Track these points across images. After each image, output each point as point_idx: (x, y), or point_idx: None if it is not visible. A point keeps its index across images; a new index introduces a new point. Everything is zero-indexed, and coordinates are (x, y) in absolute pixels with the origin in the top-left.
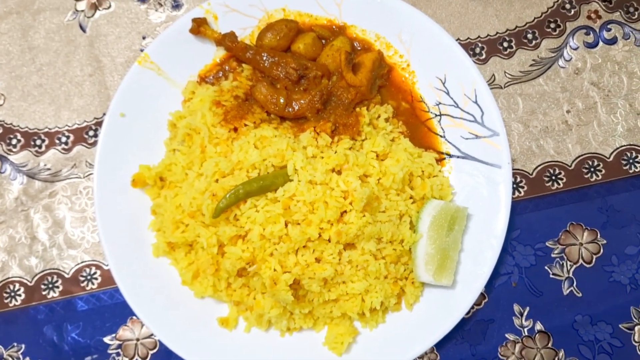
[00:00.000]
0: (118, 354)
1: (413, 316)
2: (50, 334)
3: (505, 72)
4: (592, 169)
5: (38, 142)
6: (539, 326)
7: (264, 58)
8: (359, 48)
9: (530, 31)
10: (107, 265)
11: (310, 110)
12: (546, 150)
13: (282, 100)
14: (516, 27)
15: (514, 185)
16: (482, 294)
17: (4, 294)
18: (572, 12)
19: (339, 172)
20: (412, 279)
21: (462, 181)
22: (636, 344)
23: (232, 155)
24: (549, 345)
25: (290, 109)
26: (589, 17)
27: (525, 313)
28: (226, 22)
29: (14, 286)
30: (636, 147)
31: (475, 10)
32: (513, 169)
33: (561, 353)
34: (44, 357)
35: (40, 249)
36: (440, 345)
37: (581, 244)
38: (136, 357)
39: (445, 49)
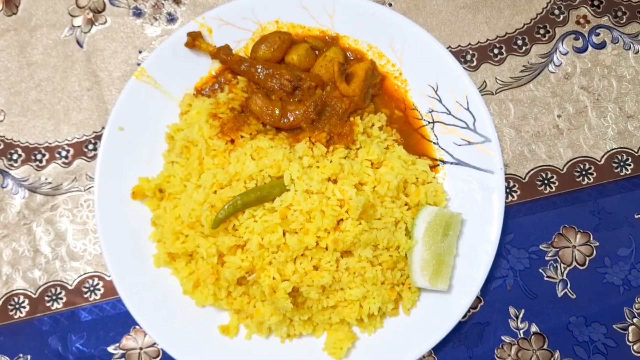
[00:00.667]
0: None
1: (410, 321)
2: (55, 344)
3: (496, 78)
4: (583, 173)
5: (38, 156)
6: (534, 328)
7: (259, 70)
8: (352, 58)
9: (520, 37)
10: (109, 276)
11: (305, 120)
12: (538, 154)
13: (277, 112)
14: (506, 33)
15: (507, 190)
16: (477, 297)
17: (9, 306)
18: (561, 18)
19: (335, 181)
20: (409, 284)
21: (456, 187)
22: (630, 344)
23: (229, 167)
24: (545, 346)
25: (285, 120)
26: (577, 22)
27: (521, 315)
28: (221, 35)
29: (19, 298)
30: (627, 150)
31: (465, 18)
32: (506, 174)
33: (557, 354)
34: None
35: (43, 262)
36: (437, 349)
37: (574, 247)
38: None
39: (437, 57)
